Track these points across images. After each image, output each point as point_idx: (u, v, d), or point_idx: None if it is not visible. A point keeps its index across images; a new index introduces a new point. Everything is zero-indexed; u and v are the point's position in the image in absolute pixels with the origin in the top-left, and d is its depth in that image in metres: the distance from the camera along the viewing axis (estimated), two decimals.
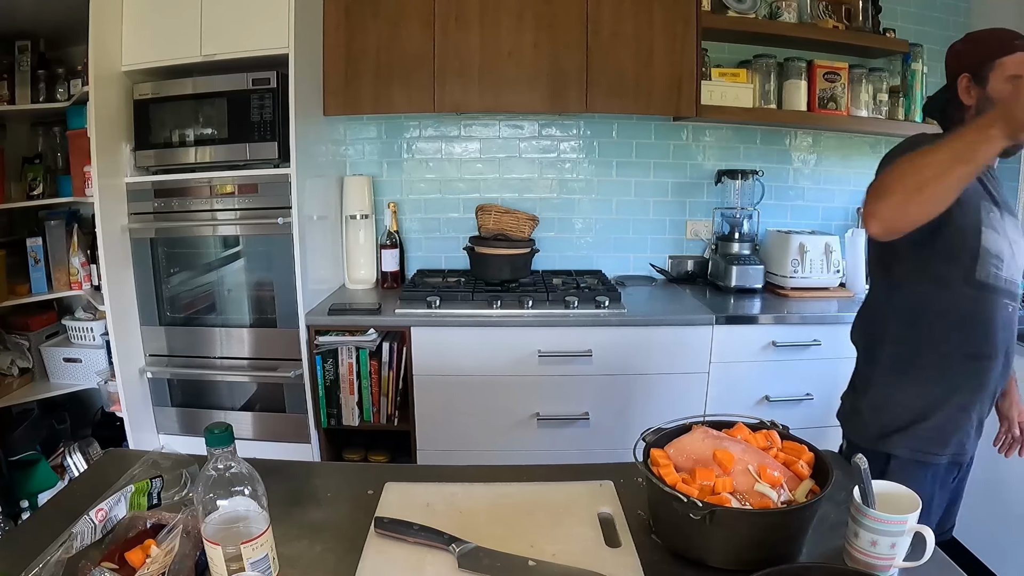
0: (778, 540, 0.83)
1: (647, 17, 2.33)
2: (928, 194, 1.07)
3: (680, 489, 0.83)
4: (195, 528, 0.79)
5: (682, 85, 2.37)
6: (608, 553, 0.87)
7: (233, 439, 0.75)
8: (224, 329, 2.31)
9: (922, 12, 2.67)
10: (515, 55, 2.33)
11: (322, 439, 2.30)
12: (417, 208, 2.77)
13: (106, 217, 2.16)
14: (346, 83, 2.36)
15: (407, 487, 1.03)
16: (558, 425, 2.22)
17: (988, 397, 1.33)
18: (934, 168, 1.05)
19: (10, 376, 2.45)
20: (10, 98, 2.38)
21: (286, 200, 2.15)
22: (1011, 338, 1.33)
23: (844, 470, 1.04)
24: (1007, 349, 1.32)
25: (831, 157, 2.78)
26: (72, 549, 0.79)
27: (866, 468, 0.83)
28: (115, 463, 1.10)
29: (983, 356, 1.29)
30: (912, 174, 1.09)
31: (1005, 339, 1.30)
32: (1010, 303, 1.29)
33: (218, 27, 2.12)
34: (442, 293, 2.28)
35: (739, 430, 0.97)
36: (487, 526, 0.92)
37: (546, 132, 2.74)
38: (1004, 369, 1.33)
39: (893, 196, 1.10)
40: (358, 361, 2.22)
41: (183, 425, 2.39)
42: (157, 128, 2.22)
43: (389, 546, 0.87)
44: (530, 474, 1.08)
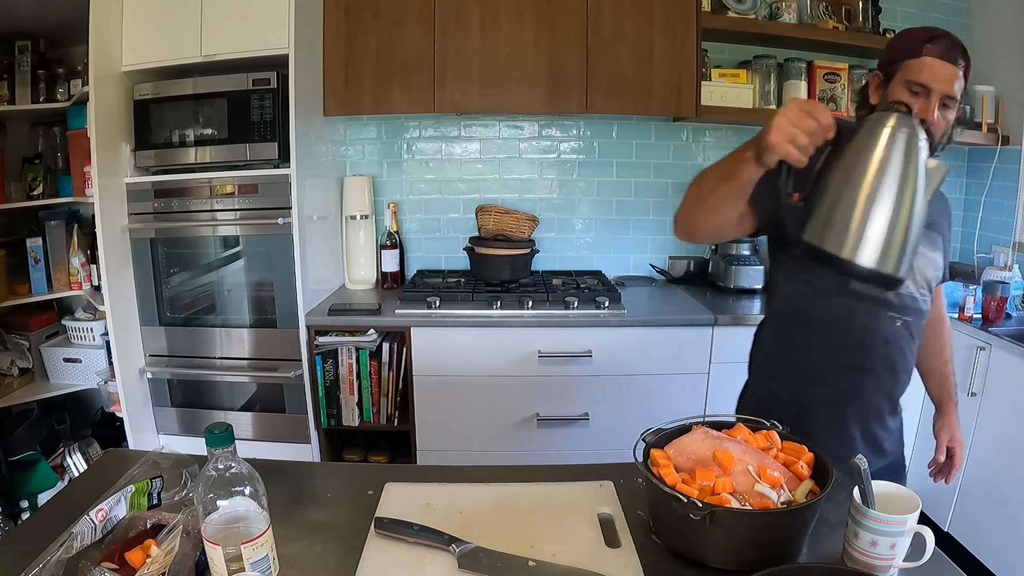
0: (778, 540, 0.83)
1: (647, 17, 2.33)
2: (706, 205, 1.11)
3: (680, 489, 0.83)
4: (195, 528, 0.79)
5: (682, 86, 2.37)
6: (608, 553, 0.87)
7: (233, 439, 0.75)
8: (224, 329, 2.31)
9: (922, 12, 2.67)
10: (515, 55, 2.33)
11: (322, 439, 2.30)
12: (417, 208, 2.77)
13: (106, 217, 2.16)
14: (346, 83, 2.36)
15: (407, 487, 1.03)
16: (558, 425, 2.22)
17: (872, 412, 1.26)
18: (709, 182, 1.10)
19: (10, 376, 2.45)
20: (10, 98, 2.38)
21: (286, 200, 2.15)
22: (899, 353, 1.24)
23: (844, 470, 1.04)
24: (893, 365, 1.24)
25: None
26: (72, 549, 0.79)
27: (866, 468, 0.83)
28: (115, 463, 1.10)
29: (857, 369, 1.23)
30: (696, 185, 1.14)
31: (890, 354, 1.23)
32: (898, 317, 1.21)
33: (218, 27, 2.12)
34: (442, 293, 2.28)
35: (739, 430, 0.97)
36: (487, 526, 0.92)
37: (546, 132, 2.74)
38: (892, 385, 1.27)
39: (684, 204, 1.16)
40: (358, 361, 2.22)
41: (183, 425, 2.39)
42: (157, 128, 2.22)
43: (389, 546, 0.87)
44: (530, 474, 1.08)
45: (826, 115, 0.90)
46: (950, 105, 1.15)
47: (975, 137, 2.58)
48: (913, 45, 1.15)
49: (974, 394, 2.14)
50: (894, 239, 0.90)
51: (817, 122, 0.89)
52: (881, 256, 0.90)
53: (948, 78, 1.12)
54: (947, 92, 1.13)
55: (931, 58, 1.12)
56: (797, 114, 0.90)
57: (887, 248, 0.90)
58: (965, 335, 2.20)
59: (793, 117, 0.90)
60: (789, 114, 0.91)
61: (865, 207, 0.90)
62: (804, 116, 0.90)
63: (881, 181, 0.89)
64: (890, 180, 0.89)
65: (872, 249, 0.90)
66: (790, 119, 0.90)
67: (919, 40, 1.15)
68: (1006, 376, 2.04)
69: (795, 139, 0.89)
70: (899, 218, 0.90)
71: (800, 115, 0.90)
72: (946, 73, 1.12)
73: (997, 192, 2.65)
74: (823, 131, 0.90)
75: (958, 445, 1.44)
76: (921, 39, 1.15)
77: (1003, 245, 2.58)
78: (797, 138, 0.89)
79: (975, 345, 2.13)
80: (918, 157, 0.90)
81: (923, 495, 0.84)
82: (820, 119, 0.90)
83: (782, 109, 0.92)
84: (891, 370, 1.25)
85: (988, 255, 2.63)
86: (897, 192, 0.89)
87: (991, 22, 2.63)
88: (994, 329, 2.14)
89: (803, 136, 0.89)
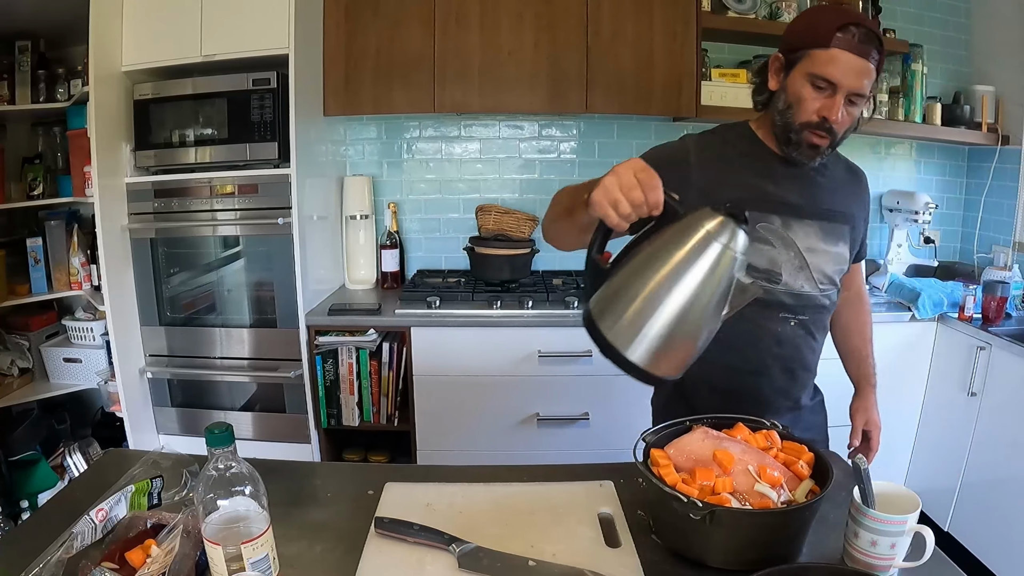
0: (778, 540, 0.83)
1: (647, 17, 2.33)
2: (559, 228, 1.07)
3: (680, 489, 0.83)
4: (195, 528, 0.79)
5: (682, 86, 2.37)
6: (608, 553, 0.87)
7: (233, 439, 0.75)
8: (224, 329, 2.31)
9: (922, 12, 2.67)
10: (515, 55, 2.33)
11: (322, 439, 2.30)
12: (417, 208, 2.77)
13: (106, 217, 2.16)
14: (346, 83, 2.36)
15: (407, 487, 1.03)
16: (558, 425, 2.22)
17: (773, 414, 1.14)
18: (557, 210, 1.06)
19: (10, 376, 2.45)
20: (10, 98, 2.38)
21: (286, 200, 2.15)
22: (795, 352, 1.19)
23: (844, 469, 1.04)
24: (788, 364, 1.20)
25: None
26: (72, 549, 0.79)
27: (866, 468, 0.83)
28: (115, 463, 1.10)
29: (749, 372, 1.18)
30: (552, 206, 1.09)
31: (784, 354, 1.18)
32: (792, 317, 1.16)
33: (218, 27, 2.12)
34: (442, 293, 2.28)
35: (739, 430, 0.97)
36: (487, 526, 0.92)
37: (546, 132, 2.74)
38: (789, 384, 1.22)
39: (545, 220, 1.12)
40: (358, 361, 2.22)
41: (183, 425, 2.39)
42: (157, 128, 2.22)
43: (389, 546, 0.87)
44: (530, 474, 1.08)
45: (655, 193, 0.81)
46: (857, 102, 1.07)
47: (975, 137, 2.58)
48: (821, 32, 1.04)
49: (974, 394, 2.14)
50: (671, 346, 0.82)
51: (644, 197, 0.81)
52: (651, 359, 0.82)
53: (857, 74, 1.04)
54: (855, 90, 1.05)
55: (840, 51, 1.02)
56: (628, 181, 0.81)
57: (660, 352, 0.82)
58: (965, 335, 2.20)
59: (623, 183, 0.81)
60: (621, 179, 0.81)
61: (648, 303, 0.80)
62: (633, 186, 0.81)
63: (675, 284, 0.79)
64: (685, 286, 0.79)
65: (643, 348, 0.81)
66: (620, 184, 0.81)
67: (828, 27, 1.03)
68: (1006, 376, 2.04)
69: (618, 205, 0.81)
70: (682, 327, 0.81)
71: (631, 183, 0.81)
72: (856, 68, 1.03)
73: (997, 192, 2.65)
74: (648, 208, 0.81)
75: (875, 428, 1.40)
76: (831, 26, 1.03)
77: (1003, 245, 2.58)
78: (620, 205, 0.81)
79: (975, 345, 2.13)
80: (727, 272, 0.80)
81: (923, 495, 0.84)
82: (648, 196, 0.81)
83: (618, 168, 0.83)
84: (786, 370, 1.21)
85: (988, 255, 2.63)
86: (688, 301, 0.79)
87: (991, 22, 2.63)
88: (994, 329, 2.14)
89: (626, 205, 0.81)
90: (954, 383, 2.23)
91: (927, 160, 2.82)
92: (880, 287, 2.56)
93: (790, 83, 1.10)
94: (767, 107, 1.17)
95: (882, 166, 2.81)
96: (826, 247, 1.18)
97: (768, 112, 1.17)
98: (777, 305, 1.16)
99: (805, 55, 1.07)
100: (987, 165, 2.67)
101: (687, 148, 1.18)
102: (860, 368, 1.43)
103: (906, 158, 2.82)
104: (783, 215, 1.15)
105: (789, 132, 1.12)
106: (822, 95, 1.07)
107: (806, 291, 1.17)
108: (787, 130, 1.12)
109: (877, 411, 1.41)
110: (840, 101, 1.06)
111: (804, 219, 1.16)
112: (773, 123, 1.16)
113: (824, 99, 1.07)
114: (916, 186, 2.78)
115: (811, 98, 1.08)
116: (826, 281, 1.19)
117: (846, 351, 1.45)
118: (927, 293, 2.29)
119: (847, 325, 1.42)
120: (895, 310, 2.33)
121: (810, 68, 1.06)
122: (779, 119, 1.13)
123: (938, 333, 2.33)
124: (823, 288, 1.19)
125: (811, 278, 1.17)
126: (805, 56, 1.07)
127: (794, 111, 1.10)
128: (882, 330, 2.28)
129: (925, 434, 2.40)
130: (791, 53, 1.10)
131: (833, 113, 1.06)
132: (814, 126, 1.09)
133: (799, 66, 1.08)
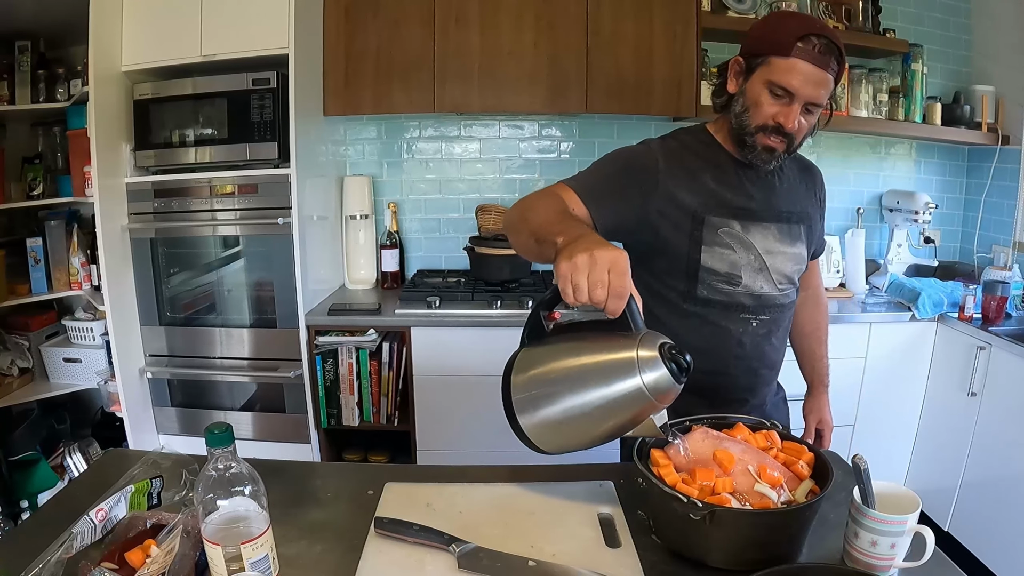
0: (778, 540, 0.83)
1: (647, 17, 2.33)
2: (520, 243, 1.03)
3: (680, 489, 0.83)
4: (195, 528, 0.79)
5: (682, 86, 2.37)
6: (608, 553, 0.87)
7: (233, 439, 0.75)
8: (224, 329, 2.31)
9: (922, 12, 2.67)
10: (515, 55, 2.33)
11: (322, 439, 2.30)
12: (417, 208, 2.77)
13: (106, 217, 2.16)
14: (346, 83, 2.36)
15: (407, 487, 1.03)
16: None
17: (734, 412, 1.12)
18: (526, 228, 0.99)
19: (10, 376, 2.45)
20: (10, 98, 2.38)
21: (286, 200, 2.15)
22: (756, 350, 1.20)
23: (844, 469, 1.04)
24: (749, 364, 1.21)
25: (831, 157, 2.78)
26: (72, 549, 0.79)
27: (866, 468, 0.83)
28: (115, 463, 1.09)
29: (711, 372, 1.16)
30: (521, 216, 1.03)
31: (745, 354, 1.20)
32: (753, 317, 1.18)
33: (218, 27, 2.12)
34: (442, 293, 2.28)
35: (739, 430, 0.97)
36: (487, 526, 0.92)
37: (546, 132, 2.74)
38: (752, 381, 1.23)
39: (511, 222, 1.06)
40: (358, 361, 2.22)
41: (183, 425, 2.39)
42: (157, 128, 2.22)
43: (389, 546, 0.87)
44: (530, 474, 1.08)
45: (618, 303, 0.79)
46: (813, 110, 1.09)
47: (975, 137, 2.58)
48: (782, 40, 1.04)
49: (974, 394, 2.14)
50: (557, 433, 0.91)
51: (606, 299, 0.79)
52: (536, 432, 0.91)
53: (815, 84, 1.05)
54: (812, 100, 1.07)
55: (799, 60, 1.03)
56: (599, 277, 0.78)
57: (552, 435, 0.91)
58: (965, 335, 2.20)
59: (592, 277, 0.78)
60: (592, 270, 0.78)
61: (555, 390, 0.88)
62: (601, 285, 0.78)
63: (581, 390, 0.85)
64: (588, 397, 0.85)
65: (534, 422, 0.90)
66: (589, 273, 0.78)
67: (790, 35, 1.04)
68: (1006, 376, 2.04)
69: (577, 291, 0.79)
70: (572, 425, 0.89)
71: (600, 281, 0.78)
72: (814, 79, 1.05)
73: (997, 192, 2.65)
74: (606, 311, 0.80)
75: (827, 428, 1.42)
76: (793, 35, 1.03)
77: (1003, 245, 2.58)
78: (579, 292, 0.79)
79: (975, 345, 2.13)
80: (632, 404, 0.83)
81: (923, 495, 0.84)
82: (609, 302, 0.79)
83: (597, 254, 0.79)
84: (749, 370, 1.22)
85: (988, 255, 2.63)
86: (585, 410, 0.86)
87: (991, 22, 2.63)
88: (994, 329, 2.13)
89: (584, 295, 0.79)
90: (954, 383, 2.23)
91: (927, 160, 2.82)
92: (880, 287, 2.56)
93: (749, 88, 1.11)
94: (725, 109, 1.18)
95: (882, 166, 2.82)
96: (784, 248, 1.20)
97: (726, 115, 1.19)
98: (738, 307, 1.18)
99: (765, 62, 1.08)
100: (987, 165, 2.67)
101: (655, 155, 1.17)
102: (814, 369, 1.46)
103: (906, 158, 2.82)
104: (742, 219, 1.17)
105: (744, 135, 1.14)
106: (779, 102, 1.08)
107: (766, 292, 1.19)
108: (743, 133, 1.14)
109: (829, 411, 1.44)
110: (797, 110, 1.08)
111: (762, 222, 1.19)
112: (730, 126, 1.17)
113: (781, 106, 1.08)
114: (916, 186, 2.78)
115: (768, 104, 1.09)
116: (785, 281, 1.21)
117: (800, 351, 1.47)
118: (927, 293, 2.29)
119: (802, 327, 1.44)
120: (895, 310, 2.33)
121: (769, 75, 1.08)
122: (735, 122, 1.15)
123: (938, 333, 2.33)
124: (782, 288, 1.21)
125: (770, 279, 1.19)
126: (765, 63, 1.08)
127: (750, 115, 1.12)
128: (882, 330, 2.31)
129: (925, 434, 2.40)
130: (751, 58, 1.11)
131: (789, 121, 1.08)
132: (769, 131, 1.11)
133: (758, 72, 1.09)
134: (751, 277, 1.18)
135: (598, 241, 0.82)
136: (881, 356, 2.32)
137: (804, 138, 1.14)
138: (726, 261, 1.16)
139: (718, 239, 1.15)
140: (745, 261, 1.17)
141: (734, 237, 1.16)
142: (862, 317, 2.31)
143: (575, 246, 0.81)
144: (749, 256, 1.17)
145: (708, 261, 1.15)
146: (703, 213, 1.15)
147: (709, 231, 1.15)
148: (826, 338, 1.46)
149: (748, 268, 1.17)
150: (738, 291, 1.17)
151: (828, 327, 1.48)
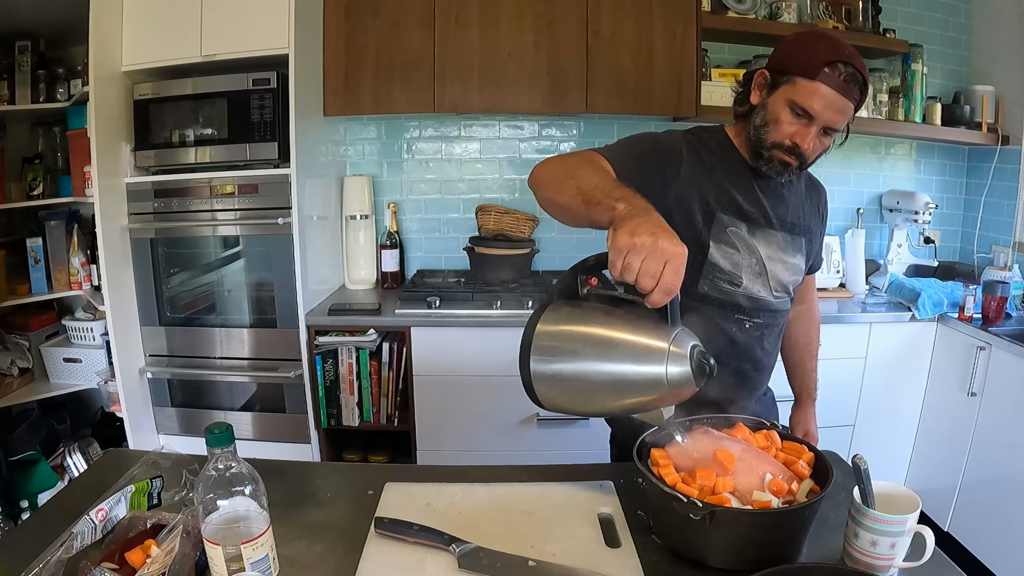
0: (778, 540, 0.83)
1: (647, 17, 2.33)
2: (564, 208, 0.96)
3: (680, 489, 0.83)
4: (195, 528, 0.79)
5: (682, 86, 2.37)
6: (608, 553, 0.87)
7: (233, 439, 0.75)
8: (224, 329, 2.31)
9: (922, 12, 2.67)
10: (515, 55, 2.33)
11: (322, 439, 2.30)
12: (417, 208, 2.77)
13: (106, 217, 2.16)
14: (346, 83, 2.36)
15: (407, 487, 1.03)
16: (558, 425, 2.22)
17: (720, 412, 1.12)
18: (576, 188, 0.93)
19: (10, 376, 2.45)
20: (10, 98, 2.38)
21: (286, 200, 2.15)
22: (747, 353, 1.21)
23: (844, 469, 1.04)
24: (739, 367, 1.21)
25: (830, 157, 2.71)
26: (72, 549, 0.79)
27: (866, 468, 0.83)
28: (115, 463, 1.10)
29: None
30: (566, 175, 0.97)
31: (737, 355, 1.20)
32: (747, 319, 1.19)
33: (218, 27, 2.12)
34: (442, 293, 2.28)
35: (739, 430, 0.97)
36: (487, 526, 0.92)
37: (546, 132, 2.73)
38: (741, 382, 1.23)
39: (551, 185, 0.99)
40: (358, 361, 2.22)
41: (183, 425, 2.39)
42: (157, 128, 2.22)
43: (389, 546, 0.87)
44: (530, 474, 1.08)
45: (662, 297, 0.77)
46: (831, 133, 1.11)
47: (975, 137, 2.58)
48: (811, 62, 1.05)
49: (974, 394, 2.14)
50: (567, 397, 0.93)
51: (651, 291, 0.77)
52: (544, 387, 0.94)
53: (836, 111, 1.07)
54: (832, 124, 1.09)
55: (824, 86, 1.05)
56: (652, 268, 0.76)
57: (556, 391, 0.94)
58: (965, 335, 2.20)
59: (647, 265, 0.76)
60: (650, 258, 0.76)
61: (579, 354, 0.90)
62: (652, 276, 0.76)
63: (600, 363, 0.87)
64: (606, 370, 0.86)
65: (549, 377, 0.93)
66: (644, 259, 0.76)
67: (819, 59, 1.05)
68: (1006, 376, 2.04)
69: (628, 269, 0.77)
70: (586, 395, 0.91)
71: (653, 271, 0.76)
72: (836, 106, 1.06)
73: (997, 192, 2.65)
74: (648, 301, 0.78)
75: (813, 441, 1.43)
76: (821, 59, 1.05)
77: (1003, 245, 2.58)
78: (628, 273, 0.77)
79: (975, 345, 2.13)
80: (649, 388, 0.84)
81: (923, 495, 0.84)
82: (654, 295, 0.77)
83: (660, 244, 0.76)
84: (737, 370, 1.22)
85: (988, 255, 2.63)
86: (598, 381, 0.87)
87: (991, 22, 2.63)
88: (994, 329, 2.13)
89: (633, 276, 0.77)
90: (954, 383, 2.23)
91: (927, 160, 2.82)
92: (880, 287, 2.56)
93: (771, 103, 1.13)
94: (745, 119, 1.20)
95: (882, 166, 2.82)
96: (784, 257, 1.23)
97: (745, 124, 1.20)
98: (734, 307, 1.19)
99: (790, 80, 1.09)
100: (987, 165, 2.67)
101: (680, 143, 1.19)
102: (804, 382, 1.48)
103: (906, 158, 2.82)
104: (749, 223, 1.19)
105: (761, 148, 1.16)
106: (798, 122, 1.10)
107: (762, 295, 1.21)
108: (759, 146, 1.16)
109: (815, 424, 1.47)
110: (815, 132, 1.10)
111: (768, 229, 1.21)
112: (748, 135, 1.19)
113: (800, 126, 1.10)
114: (916, 186, 2.78)
115: (787, 122, 1.11)
116: (781, 289, 1.23)
117: (791, 364, 1.49)
118: (927, 293, 2.29)
119: (796, 339, 1.46)
120: (895, 310, 2.33)
121: (792, 95, 1.09)
122: (754, 134, 1.17)
123: (938, 333, 2.33)
124: (778, 295, 1.23)
125: (767, 285, 1.21)
126: (790, 81, 1.09)
127: (768, 130, 1.13)
128: (882, 330, 2.31)
129: (925, 434, 2.40)
130: (777, 74, 1.12)
131: (806, 143, 1.10)
132: (785, 148, 1.13)
133: (782, 89, 1.10)
134: (751, 280, 1.19)
135: (663, 226, 0.78)
136: (881, 356, 2.32)
137: (817, 157, 1.16)
138: (730, 260, 1.17)
139: (725, 237, 1.17)
140: (747, 264, 1.18)
141: (740, 239, 1.18)
142: (862, 317, 2.31)
143: (640, 223, 0.78)
144: (751, 259, 1.19)
145: (715, 257, 1.17)
146: (715, 209, 1.16)
147: (718, 228, 1.17)
148: (817, 352, 1.49)
149: (749, 271, 1.19)
150: (737, 292, 1.19)
151: (820, 342, 1.50)
